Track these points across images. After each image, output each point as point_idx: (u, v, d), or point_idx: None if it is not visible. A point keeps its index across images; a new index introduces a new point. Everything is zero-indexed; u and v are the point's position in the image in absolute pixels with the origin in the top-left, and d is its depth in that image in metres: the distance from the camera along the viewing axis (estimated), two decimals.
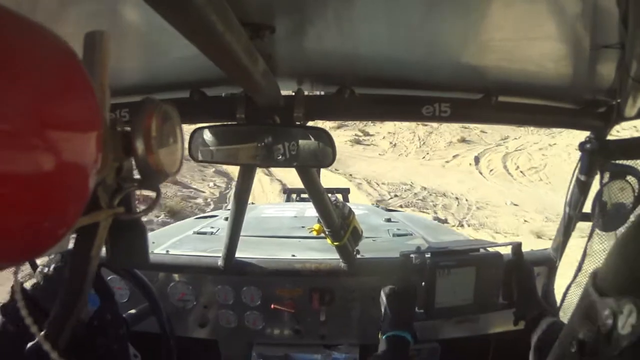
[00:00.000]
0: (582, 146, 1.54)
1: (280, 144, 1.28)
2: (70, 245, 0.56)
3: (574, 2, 0.84)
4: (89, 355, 0.99)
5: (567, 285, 1.38)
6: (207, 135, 1.32)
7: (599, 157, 1.49)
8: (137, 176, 0.55)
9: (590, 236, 1.42)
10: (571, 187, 1.64)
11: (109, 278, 1.82)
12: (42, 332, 0.48)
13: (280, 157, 1.31)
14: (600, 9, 0.84)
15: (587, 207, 1.56)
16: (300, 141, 1.29)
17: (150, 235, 2.44)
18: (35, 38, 0.37)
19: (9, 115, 0.32)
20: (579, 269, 1.34)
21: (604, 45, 0.97)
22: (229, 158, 1.40)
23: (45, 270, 1.25)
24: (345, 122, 17.96)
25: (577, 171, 1.60)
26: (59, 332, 0.57)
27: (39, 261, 1.55)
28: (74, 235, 0.55)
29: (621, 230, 1.33)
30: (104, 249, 0.60)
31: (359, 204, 3.40)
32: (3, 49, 0.32)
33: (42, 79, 0.35)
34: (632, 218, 1.32)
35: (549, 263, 1.89)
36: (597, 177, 1.50)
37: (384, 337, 1.28)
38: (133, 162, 0.55)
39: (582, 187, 1.61)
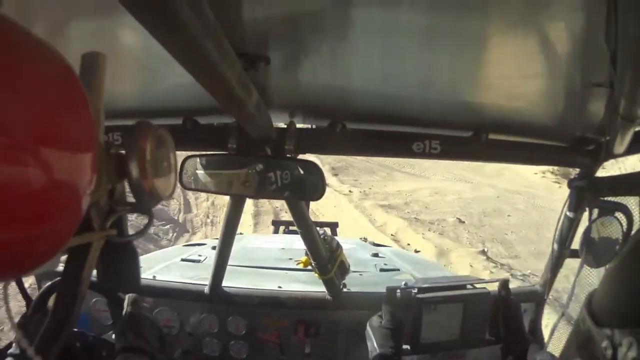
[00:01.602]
0: (571, 183, 1.56)
1: (271, 175, 1.29)
2: (61, 267, 0.56)
3: (564, 42, 0.87)
4: None
5: (556, 321, 1.39)
6: (198, 164, 1.33)
7: (587, 194, 1.51)
8: (130, 199, 0.55)
9: (578, 272, 1.43)
10: (560, 223, 1.66)
11: (94, 300, 1.79)
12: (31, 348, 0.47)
13: (270, 188, 1.32)
14: (590, 49, 0.87)
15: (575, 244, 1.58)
16: (291, 173, 1.30)
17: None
18: (36, 54, 0.37)
19: (7, 129, 0.32)
20: (567, 305, 1.35)
21: (593, 84, 1.00)
22: (219, 188, 1.40)
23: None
24: None
25: (565, 208, 1.62)
26: (48, 350, 0.56)
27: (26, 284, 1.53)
28: (65, 256, 0.55)
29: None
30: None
31: (347, 238, 3.38)
32: (4, 64, 0.33)
33: (42, 95, 0.36)
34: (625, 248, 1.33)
35: (536, 299, 1.89)
36: (586, 214, 1.52)
37: None
38: (126, 185, 0.55)
39: (570, 224, 1.63)
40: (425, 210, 9.79)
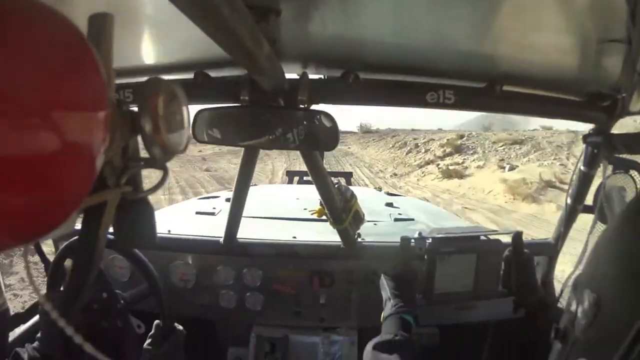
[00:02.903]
0: (585, 138, 1.54)
1: (284, 127, 1.29)
2: (78, 225, 0.56)
3: None
4: (96, 334, 1.01)
5: (568, 275, 1.40)
6: (211, 117, 1.33)
7: (602, 150, 1.49)
8: (144, 155, 0.55)
9: (591, 228, 1.43)
10: (574, 178, 1.65)
11: (110, 257, 1.85)
12: (55, 310, 0.49)
13: (284, 140, 1.31)
14: (608, 3, 0.84)
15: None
16: (304, 124, 1.29)
17: None
18: (44, 19, 0.37)
19: (18, 94, 0.32)
20: (580, 260, 1.36)
21: (611, 39, 0.96)
22: (232, 140, 1.40)
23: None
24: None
25: (579, 163, 1.61)
26: (69, 310, 0.58)
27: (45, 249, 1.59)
28: (82, 215, 0.56)
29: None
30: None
31: (361, 187, 3.41)
32: (12, 30, 0.33)
33: (50, 59, 0.36)
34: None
35: (549, 253, 1.90)
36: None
37: (386, 318, 1.29)
38: (140, 141, 0.55)
39: (584, 179, 1.62)
40: None
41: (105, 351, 0.54)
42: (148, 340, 1.51)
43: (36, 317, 1.61)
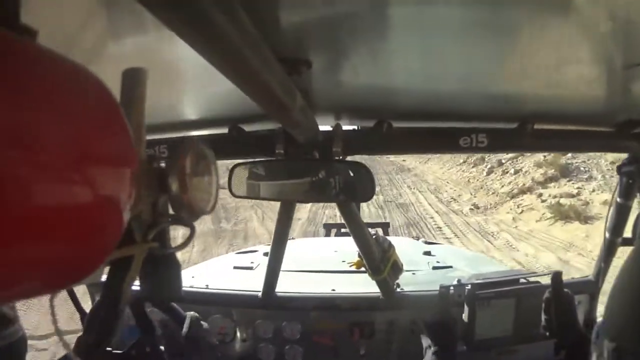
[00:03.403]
0: (620, 168, 1.52)
1: (320, 179, 1.29)
2: (104, 278, 0.56)
3: (604, 21, 0.82)
4: None
5: None
6: (247, 171, 1.34)
7: (637, 179, 1.47)
8: (172, 212, 0.55)
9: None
10: (611, 211, 1.61)
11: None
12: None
13: (320, 192, 1.31)
14: (631, 26, 0.82)
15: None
16: (340, 176, 1.28)
17: (190, 269, 2.48)
18: (74, 78, 0.38)
19: (49, 149, 0.32)
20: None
21: (636, 63, 0.94)
22: (268, 194, 1.41)
23: None
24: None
25: (616, 194, 1.57)
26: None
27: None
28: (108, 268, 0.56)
29: None
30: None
31: (398, 237, 3.36)
32: (45, 88, 0.33)
33: (79, 117, 0.36)
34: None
35: (590, 290, 1.84)
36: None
37: None
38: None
39: (621, 211, 1.58)
40: None
41: None
42: None
43: None
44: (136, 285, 0.59)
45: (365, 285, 1.88)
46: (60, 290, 0.42)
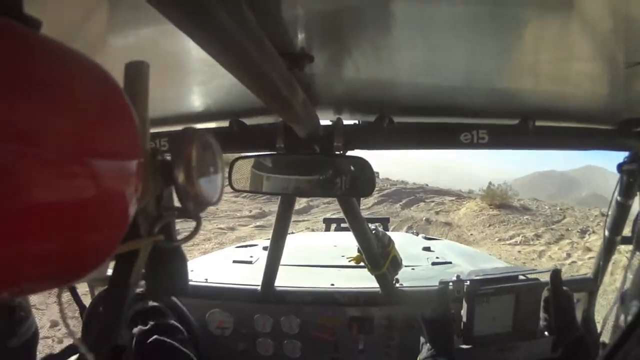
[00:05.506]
0: (620, 167, 1.52)
1: (321, 173, 1.28)
2: (110, 271, 0.56)
3: (607, 19, 0.82)
4: None
5: (608, 311, 1.34)
6: (247, 165, 1.34)
7: (638, 178, 1.47)
8: (178, 204, 0.55)
9: (630, 259, 1.37)
10: (610, 209, 1.62)
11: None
12: (76, 356, 0.48)
13: (321, 187, 1.31)
14: (634, 24, 0.82)
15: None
16: (341, 170, 1.28)
17: (190, 263, 2.48)
18: (79, 69, 0.38)
19: (53, 143, 0.32)
20: (620, 294, 1.29)
21: (638, 62, 0.94)
22: (268, 188, 1.41)
23: None
24: None
25: (615, 193, 1.57)
26: (99, 356, 0.57)
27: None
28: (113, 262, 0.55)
29: None
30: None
31: (397, 232, 3.36)
32: (50, 79, 0.33)
33: (85, 109, 0.36)
34: None
35: (589, 288, 1.86)
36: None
37: None
38: (174, 191, 0.55)
39: (621, 209, 1.59)
40: None
41: None
42: None
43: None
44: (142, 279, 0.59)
45: (364, 280, 1.88)
46: (67, 284, 0.42)
